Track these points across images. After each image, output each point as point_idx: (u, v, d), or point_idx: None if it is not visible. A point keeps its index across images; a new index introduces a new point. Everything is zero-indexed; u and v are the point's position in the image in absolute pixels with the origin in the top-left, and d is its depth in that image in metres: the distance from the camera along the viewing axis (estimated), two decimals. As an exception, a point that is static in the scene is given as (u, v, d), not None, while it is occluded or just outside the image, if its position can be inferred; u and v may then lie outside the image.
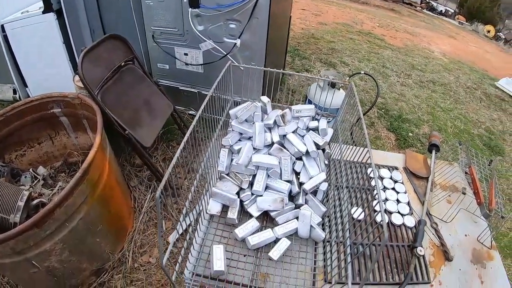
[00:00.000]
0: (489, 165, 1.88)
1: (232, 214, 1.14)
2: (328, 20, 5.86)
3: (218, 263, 0.99)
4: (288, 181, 1.24)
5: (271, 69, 1.45)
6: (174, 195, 2.28)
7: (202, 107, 1.09)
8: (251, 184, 1.22)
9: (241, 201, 1.19)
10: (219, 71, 2.38)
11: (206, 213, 1.17)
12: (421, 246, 1.26)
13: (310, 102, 2.92)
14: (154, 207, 2.16)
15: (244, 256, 1.09)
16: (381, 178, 1.59)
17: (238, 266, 1.06)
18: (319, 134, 1.37)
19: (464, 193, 1.62)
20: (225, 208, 1.18)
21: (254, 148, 1.27)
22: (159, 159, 2.47)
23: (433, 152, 1.91)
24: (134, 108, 2.04)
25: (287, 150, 1.29)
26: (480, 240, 1.42)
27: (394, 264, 1.23)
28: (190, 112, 2.94)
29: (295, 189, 1.23)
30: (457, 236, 1.42)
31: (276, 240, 1.11)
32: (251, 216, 1.17)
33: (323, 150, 1.37)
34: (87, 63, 1.79)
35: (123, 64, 2.05)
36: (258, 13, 2.14)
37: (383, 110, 3.69)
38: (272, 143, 1.29)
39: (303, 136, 1.36)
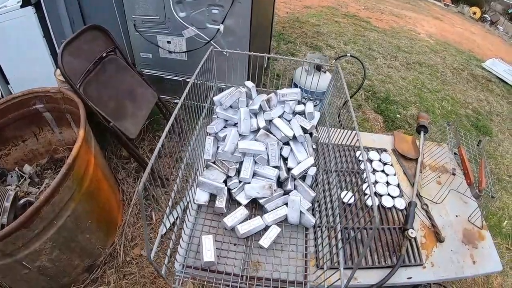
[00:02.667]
0: (477, 145, 1.88)
1: (220, 203, 1.11)
2: (313, 3, 5.78)
3: (208, 253, 0.97)
4: (275, 167, 1.22)
5: (254, 53, 1.41)
6: (164, 185, 2.28)
7: (184, 94, 1.05)
8: (238, 171, 1.20)
9: (229, 189, 1.17)
10: (203, 58, 2.32)
11: (194, 203, 1.14)
12: (412, 228, 1.26)
13: (296, 86, 2.90)
14: (143, 200, 2.12)
15: (234, 245, 1.08)
16: (370, 161, 1.58)
17: (228, 255, 1.05)
18: (305, 118, 1.35)
19: (454, 174, 1.63)
20: (213, 197, 1.16)
21: (240, 135, 1.24)
22: (146, 150, 2.43)
23: (422, 133, 1.90)
24: (117, 100, 1.98)
25: (274, 135, 1.26)
26: (471, 220, 1.43)
27: (386, 247, 1.23)
28: (176, 101, 2.89)
29: (283, 174, 1.21)
30: (448, 217, 1.42)
31: (266, 228, 1.10)
32: (239, 204, 1.15)
33: (311, 134, 1.35)
34: (68, 56, 1.73)
35: (104, 55, 1.98)
36: (241, -2, 2.09)
37: (370, 92, 3.68)
38: (258, 129, 1.26)
39: (289, 121, 1.33)
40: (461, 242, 1.35)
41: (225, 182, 1.17)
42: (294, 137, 1.25)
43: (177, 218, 1.43)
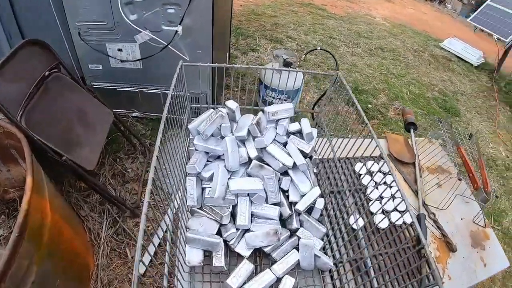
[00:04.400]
0: (469, 139, 1.81)
1: (218, 260, 0.90)
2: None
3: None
4: (276, 204, 1.03)
5: (236, 66, 1.21)
6: (136, 215, 2.02)
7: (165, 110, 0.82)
8: (232, 216, 0.99)
9: (225, 241, 0.95)
10: (161, 64, 2.03)
11: (186, 264, 0.91)
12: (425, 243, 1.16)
13: (266, 87, 2.71)
14: (113, 235, 1.86)
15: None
16: (370, 173, 1.44)
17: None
18: (302, 139, 1.16)
19: (460, 179, 1.55)
20: (207, 252, 0.94)
21: (228, 171, 1.03)
22: (107, 176, 2.14)
23: (412, 131, 1.81)
24: (68, 126, 1.69)
25: (269, 165, 1.06)
26: (475, 221, 1.40)
27: (404, 269, 1.11)
28: (134, 114, 2.60)
29: (286, 211, 1.03)
30: (454, 221, 1.38)
31: (278, 280, 0.91)
32: (239, 256, 0.95)
33: (310, 157, 1.16)
34: (3, 80, 1.41)
35: (47, 73, 1.67)
36: (200, -5, 1.85)
37: (338, 84, 3.57)
38: (249, 160, 1.06)
39: (284, 144, 1.14)
40: (471, 247, 1.33)
41: (219, 232, 0.95)
42: (294, 165, 1.06)
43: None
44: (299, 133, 1.19)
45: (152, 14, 1.94)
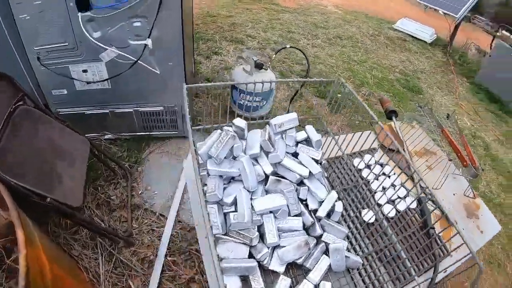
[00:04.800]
0: (447, 119, 1.90)
1: (257, 283, 0.88)
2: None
3: None
4: (298, 215, 1.01)
5: (242, 82, 1.15)
6: (131, 243, 1.92)
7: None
8: (260, 235, 0.95)
9: (258, 261, 0.92)
10: (130, 81, 1.91)
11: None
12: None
13: (241, 91, 2.68)
14: (112, 269, 1.75)
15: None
16: (368, 166, 1.48)
17: None
18: (310, 146, 1.15)
19: (450, 160, 1.63)
20: (242, 276, 0.90)
21: (248, 191, 0.99)
22: (91, 207, 2.01)
23: (394, 118, 1.87)
24: (45, 163, 1.56)
25: (285, 178, 1.04)
26: (466, 194, 1.50)
27: (420, 254, 1.16)
28: (106, 136, 2.46)
29: (309, 220, 1.02)
30: (448, 198, 1.47)
31: (316, 287, 0.91)
32: (274, 272, 0.93)
33: (320, 162, 1.16)
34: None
35: (13, 108, 1.53)
36: (168, 4, 1.77)
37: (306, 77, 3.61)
38: (266, 176, 1.03)
39: (293, 154, 1.13)
40: (467, 218, 1.44)
41: (250, 255, 0.92)
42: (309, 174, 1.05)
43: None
44: (305, 140, 1.18)
45: (117, 30, 1.84)
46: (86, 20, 1.75)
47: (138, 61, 1.95)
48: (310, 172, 1.06)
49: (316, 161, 1.10)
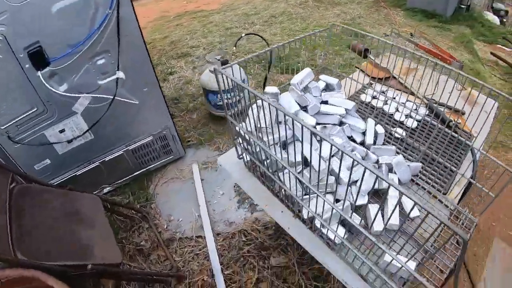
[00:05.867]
0: (411, 37, 2.01)
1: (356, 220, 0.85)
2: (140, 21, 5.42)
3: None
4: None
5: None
6: (183, 277, 1.82)
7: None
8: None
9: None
10: (111, 121, 1.91)
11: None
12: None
13: (215, 93, 2.64)
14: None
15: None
16: (374, 98, 1.53)
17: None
18: (332, 90, 1.18)
19: (436, 63, 1.72)
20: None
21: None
22: (126, 262, 1.91)
23: (370, 54, 2.01)
24: (64, 232, 1.46)
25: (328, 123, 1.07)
26: (457, 88, 1.52)
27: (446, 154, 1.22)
28: (105, 190, 2.34)
29: (362, 151, 1.09)
30: (446, 96, 1.44)
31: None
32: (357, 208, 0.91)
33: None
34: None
35: (9, 192, 1.41)
36: (126, 30, 1.71)
37: (264, 61, 3.63)
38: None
39: (324, 103, 1.15)
40: (468, 106, 1.42)
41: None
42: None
43: None
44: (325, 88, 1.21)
45: (83, 75, 1.75)
46: (47, 76, 1.66)
47: (116, 97, 1.88)
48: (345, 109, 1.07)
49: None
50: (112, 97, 1.86)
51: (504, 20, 5.66)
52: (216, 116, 2.89)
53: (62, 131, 1.90)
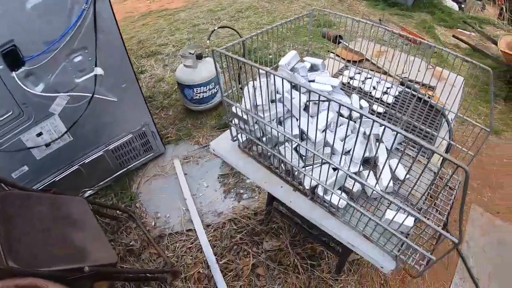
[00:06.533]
0: (380, 21, 2.13)
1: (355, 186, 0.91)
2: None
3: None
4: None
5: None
6: (178, 272, 1.82)
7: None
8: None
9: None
10: (90, 121, 1.91)
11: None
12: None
13: (190, 87, 2.65)
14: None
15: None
16: (351, 78, 1.63)
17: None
18: (316, 71, 1.26)
19: (407, 44, 1.83)
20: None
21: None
22: (118, 264, 1.88)
23: (343, 40, 2.12)
24: (56, 237, 1.43)
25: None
26: (427, 67, 1.56)
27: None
28: (87, 193, 2.30)
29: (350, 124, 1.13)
30: (421, 73, 1.51)
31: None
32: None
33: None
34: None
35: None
36: (103, 25, 1.69)
37: (237, 54, 3.66)
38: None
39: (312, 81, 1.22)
40: (440, 82, 1.50)
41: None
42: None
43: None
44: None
45: (59, 73, 1.71)
46: (23, 76, 1.61)
47: (94, 95, 1.85)
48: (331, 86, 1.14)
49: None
50: (90, 95, 1.83)
51: (463, 6, 6.01)
52: (192, 110, 2.90)
53: (39, 134, 1.85)
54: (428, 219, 0.96)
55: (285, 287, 1.77)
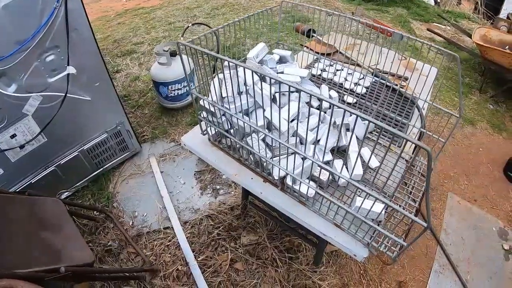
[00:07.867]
0: (352, 14, 2.24)
1: (324, 175, 1.00)
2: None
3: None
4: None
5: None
6: (157, 270, 1.87)
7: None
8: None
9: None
10: (64, 121, 1.94)
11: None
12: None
13: (165, 85, 2.71)
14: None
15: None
16: (323, 70, 1.72)
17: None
18: (285, 62, 1.34)
19: (390, 35, 1.94)
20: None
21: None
22: (96, 265, 1.93)
23: (316, 34, 2.22)
24: (31, 239, 1.46)
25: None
26: (399, 58, 1.67)
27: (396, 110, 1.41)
28: (64, 195, 2.32)
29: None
30: (393, 65, 1.57)
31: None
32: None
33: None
34: None
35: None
36: (75, 23, 1.73)
37: (213, 50, 3.72)
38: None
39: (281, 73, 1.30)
40: (409, 73, 1.56)
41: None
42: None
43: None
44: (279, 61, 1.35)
45: (32, 74, 1.74)
46: (-5, 77, 1.64)
47: (68, 95, 1.89)
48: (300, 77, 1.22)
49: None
50: (63, 94, 1.86)
51: (439, 0, 6.23)
52: (168, 108, 2.95)
53: (13, 136, 1.87)
54: (400, 206, 1.04)
55: (264, 281, 1.85)
